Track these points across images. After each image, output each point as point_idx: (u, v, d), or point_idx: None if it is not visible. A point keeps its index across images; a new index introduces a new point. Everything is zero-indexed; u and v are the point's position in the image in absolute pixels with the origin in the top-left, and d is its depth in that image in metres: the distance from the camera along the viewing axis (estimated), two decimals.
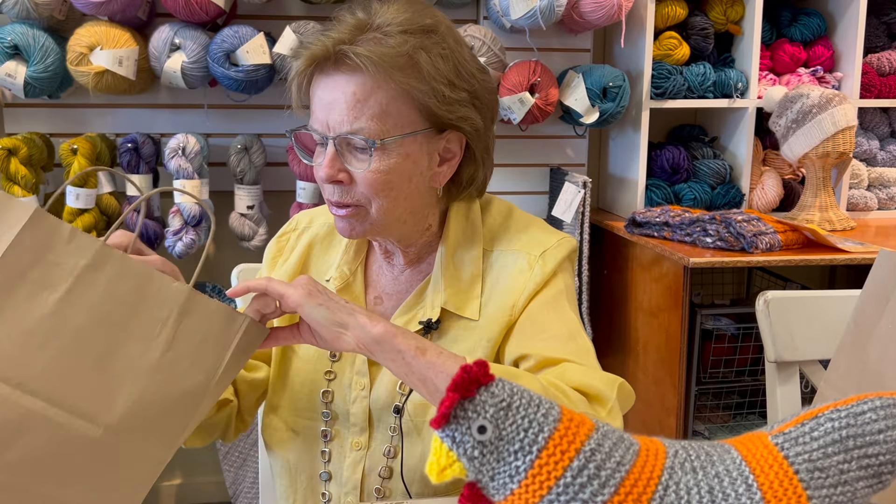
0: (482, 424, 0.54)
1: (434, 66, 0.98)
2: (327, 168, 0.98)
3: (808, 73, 2.42)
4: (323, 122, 0.99)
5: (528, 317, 1.03)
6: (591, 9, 2.10)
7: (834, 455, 0.56)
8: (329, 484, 1.09)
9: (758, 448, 0.57)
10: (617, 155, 2.48)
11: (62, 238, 0.77)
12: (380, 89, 0.96)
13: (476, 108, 1.04)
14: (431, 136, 1.01)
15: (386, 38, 0.96)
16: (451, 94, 0.99)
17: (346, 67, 0.96)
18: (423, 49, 0.97)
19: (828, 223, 2.24)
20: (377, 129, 0.96)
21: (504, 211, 1.13)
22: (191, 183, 2.08)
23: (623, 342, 2.28)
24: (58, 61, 1.99)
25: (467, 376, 0.55)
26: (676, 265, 1.98)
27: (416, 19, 0.99)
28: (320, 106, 0.99)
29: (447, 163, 1.04)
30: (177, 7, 1.97)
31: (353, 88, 0.96)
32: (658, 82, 2.26)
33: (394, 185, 0.99)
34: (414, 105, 0.98)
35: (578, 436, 0.55)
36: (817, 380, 1.24)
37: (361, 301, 1.11)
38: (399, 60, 0.95)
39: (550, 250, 1.06)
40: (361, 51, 0.95)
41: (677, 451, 0.58)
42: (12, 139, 1.99)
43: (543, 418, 0.55)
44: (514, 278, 1.05)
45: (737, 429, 2.25)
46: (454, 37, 1.03)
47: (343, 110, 0.96)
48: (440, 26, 1.01)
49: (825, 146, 2.18)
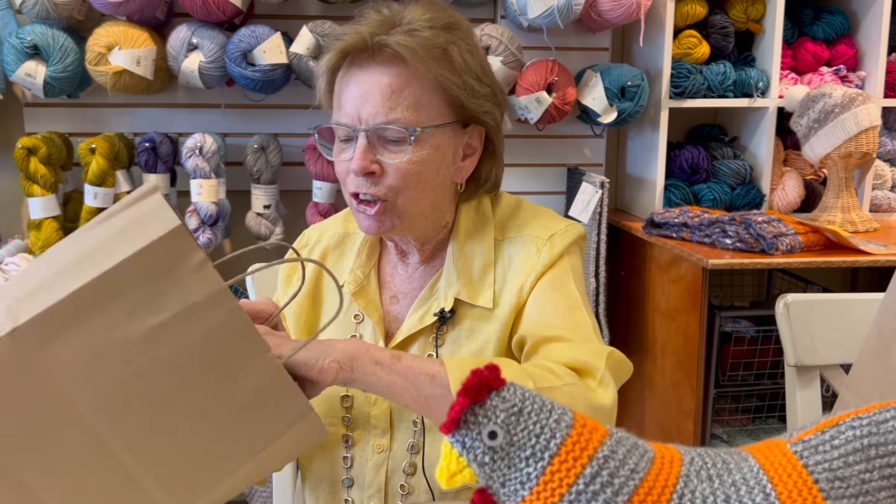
0: (493, 430, 0.53)
1: (464, 60, 1.00)
2: (360, 160, 0.98)
3: (831, 72, 2.39)
4: (353, 115, 0.99)
5: (533, 298, 1.04)
6: (610, 7, 2.09)
7: (855, 464, 0.54)
8: (351, 490, 1.09)
9: (776, 456, 0.56)
10: (635, 155, 2.46)
11: (190, 264, 0.72)
12: (415, 80, 0.98)
13: (496, 105, 1.07)
14: (458, 130, 1.04)
15: (418, 32, 0.98)
16: (478, 88, 1.02)
17: (381, 59, 0.98)
18: (454, 43, 1.00)
19: (850, 224, 2.21)
20: (412, 120, 0.98)
21: (513, 202, 1.15)
22: (208, 182, 2.08)
23: (640, 344, 2.26)
24: (77, 61, 2.00)
25: (478, 380, 0.54)
26: (695, 266, 1.96)
27: (440, 17, 1.01)
28: (350, 99, 1.00)
29: (469, 158, 1.07)
30: (194, 7, 1.97)
31: (388, 80, 0.98)
32: (677, 81, 2.24)
33: (423, 177, 1.01)
34: (445, 97, 1.00)
35: (591, 442, 0.54)
36: (838, 385, 1.22)
37: (377, 302, 1.11)
38: (434, 51, 0.98)
39: (558, 235, 1.07)
40: (400, 39, 0.97)
41: (693, 458, 0.56)
42: (32, 138, 2.01)
43: (556, 424, 0.54)
44: (523, 262, 1.06)
45: (756, 433, 2.23)
46: (474, 36, 1.06)
47: (378, 101, 0.98)
48: (462, 24, 1.04)
49: (848, 146, 2.15)
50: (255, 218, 2.19)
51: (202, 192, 2.08)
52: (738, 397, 2.33)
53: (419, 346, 1.07)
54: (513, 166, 2.33)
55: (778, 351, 2.08)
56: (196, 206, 2.10)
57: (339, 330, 1.12)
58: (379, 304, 1.11)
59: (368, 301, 1.11)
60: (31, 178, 2.01)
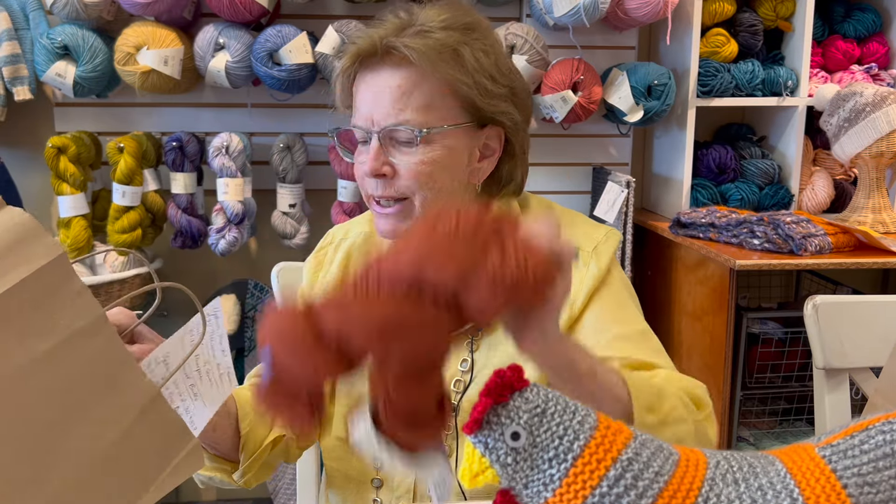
0: (515, 430, 0.53)
1: (476, 60, 1.00)
2: (372, 161, 0.99)
3: (862, 70, 2.35)
4: (367, 117, 1.00)
5: (596, 316, 1.02)
6: (637, 5, 2.07)
7: (885, 469, 0.53)
8: (381, 490, 1.08)
9: (804, 460, 0.55)
10: (662, 154, 2.44)
11: (72, 291, 0.71)
12: (424, 81, 0.98)
13: (515, 105, 1.05)
14: (472, 131, 1.03)
15: (430, 33, 0.98)
16: (492, 88, 1.01)
17: (391, 61, 0.98)
18: (466, 44, 0.99)
19: (881, 225, 2.17)
20: (422, 120, 0.98)
21: (544, 205, 1.13)
22: (234, 181, 2.10)
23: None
24: (106, 61, 2.02)
25: (501, 381, 0.53)
26: (722, 267, 1.94)
27: (457, 18, 1.01)
28: (364, 102, 1.01)
29: (487, 159, 1.05)
30: (221, 7, 1.99)
31: (397, 81, 0.98)
32: (705, 80, 2.22)
33: (436, 178, 1.00)
34: (457, 98, 1.00)
35: (615, 444, 0.54)
36: (868, 388, 1.20)
37: None
38: (444, 53, 0.97)
39: (601, 245, 1.06)
40: (408, 41, 0.97)
41: (719, 461, 0.55)
42: (62, 137, 2.03)
43: (579, 426, 0.54)
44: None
45: (783, 435, 2.20)
46: (495, 37, 1.05)
47: (388, 103, 0.98)
48: (480, 24, 1.04)
49: (879, 146, 2.12)
50: (281, 217, 2.20)
51: (228, 191, 2.10)
52: (765, 400, 2.31)
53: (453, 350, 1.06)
54: (538, 165, 2.32)
55: (806, 353, 2.05)
56: (222, 205, 2.12)
57: None
58: None
59: None
60: (60, 177, 2.03)
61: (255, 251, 2.44)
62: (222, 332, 0.95)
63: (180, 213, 2.13)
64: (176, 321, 2.53)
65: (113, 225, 2.06)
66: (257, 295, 2.28)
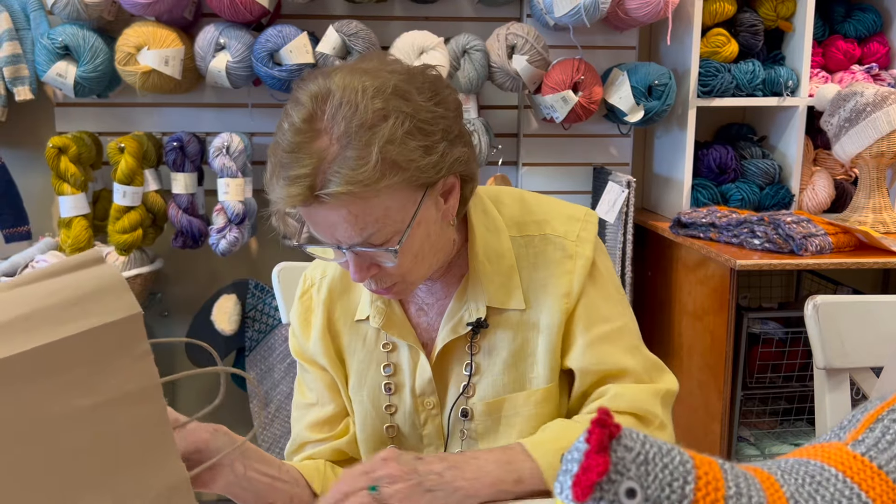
0: (630, 487, 0.45)
1: (407, 149, 0.91)
2: (358, 273, 0.96)
3: (863, 70, 2.35)
4: (330, 237, 0.96)
5: (585, 311, 1.05)
6: (637, 6, 2.07)
7: None
8: None
9: (849, 461, 0.55)
10: (662, 154, 2.43)
11: (134, 353, 0.68)
12: (370, 200, 0.91)
13: (453, 143, 0.98)
14: (430, 194, 0.97)
15: (347, 153, 0.89)
16: (431, 157, 0.93)
17: (328, 203, 0.91)
18: (389, 142, 0.89)
19: (881, 225, 2.17)
20: (387, 229, 0.93)
21: (516, 197, 1.12)
22: (234, 181, 2.10)
23: (667, 345, 2.24)
24: (106, 61, 2.02)
25: (606, 430, 0.45)
26: (723, 267, 1.93)
27: (363, 105, 0.89)
28: (321, 231, 0.96)
29: (450, 196, 1.00)
30: (222, 7, 1.99)
31: (345, 210, 0.91)
32: (705, 80, 2.22)
33: (419, 252, 0.98)
34: (407, 188, 0.93)
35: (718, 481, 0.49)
36: (868, 388, 1.20)
37: (406, 322, 1.09)
38: (374, 174, 0.89)
39: (582, 233, 1.07)
40: (334, 190, 0.88)
41: (783, 475, 0.55)
42: (63, 138, 2.03)
43: (682, 466, 0.47)
44: (556, 266, 1.06)
45: (784, 435, 2.20)
46: (402, 91, 0.93)
47: (346, 228, 0.92)
48: (385, 89, 0.92)
49: (880, 146, 2.12)
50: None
51: (229, 191, 2.10)
52: (765, 400, 2.31)
53: (455, 356, 1.07)
54: (538, 165, 2.33)
55: (807, 353, 2.05)
56: (223, 205, 2.12)
57: (371, 366, 1.10)
58: (408, 324, 1.09)
59: (397, 325, 1.08)
60: (61, 177, 2.04)
61: (255, 251, 2.44)
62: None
63: (181, 214, 2.13)
64: (176, 321, 2.55)
65: (114, 225, 2.06)
66: (258, 295, 2.28)
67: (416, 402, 1.08)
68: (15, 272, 2.02)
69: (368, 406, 1.10)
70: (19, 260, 2.05)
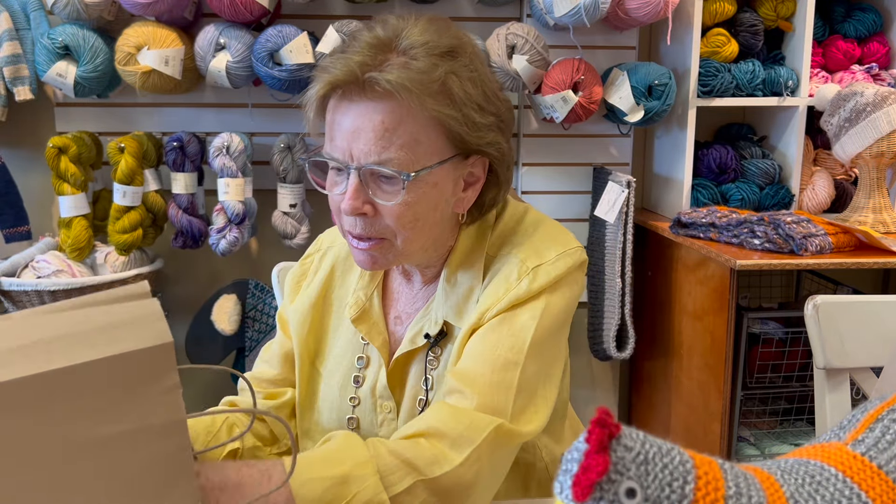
0: (630, 487, 0.45)
1: (465, 92, 0.93)
2: (351, 200, 0.93)
3: (863, 70, 2.35)
4: (345, 150, 0.93)
5: (480, 332, 0.97)
6: (637, 5, 2.07)
7: None
8: None
9: (849, 461, 0.55)
10: (662, 154, 2.44)
11: (163, 385, 0.66)
12: (410, 117, 0.90)
13: (501, 132, 0.99)
14: (458, 163, 0.97)
15: (414, 62, 0.90)
16: (480, 120, 0.95)
17: (373, 94, 0.90)
18: (454, 73, 0.92)
19: (881, 225, 2.17)
20: (407, 160, 0.91)
21: (519, 212, 1.08)
22: (234, 181, 2.10)
23: (667, 345, 2.24)
24: (106, 61, 2.02)
25: (605, 430, 0.45)
26: (723, 267, 1.93)
27: (442, 42, 0.93)
28: (342, 134, 0.93)
29: (471, 187, 1.00)
30: (222, 7, 1.99)
31: (381, 117, 0.90)
32: (705, 80, 2.22)
33: (420, 216, 0.95)
34: (443, 132, 0.93)
35: (717, 480, 0.49)
36: (868, 388, 1.20)
37: (381, 325, 1.08)
38: (432, 86, 0.90)
39: (545, 266, 0.99)
40: (392, 77, 0.88)
41: (782, 475, 0.55)
42: (63, 138, 2.03)
43: (682, 466, 0.47)
44: (498, 284, 0.99)
45: (784, 435, 2.20)
46: (479, 57, 0.98)
47: (370, 140, 0.90)
48: (466, 47, 0.96)
49: (880, 146, 2.12)
50: (281, 216, 2.20)
51: (229, 191, 2.10)
52: (765, 400, 2.31)
53: (416, 367, 1.06)
54: (538, 165, 2.32)
55: (807, 353, 2.05)
56: (223, 205, 2.12)
57: (347, 352, 1.10)
58: (383, 327, 1.08)
59: (371, 325, 1.07)
60: (61, 177, 2.04)
61: (255, 251, 2.44)
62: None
63: (181, 213, 2.13)
64: (176, 321, 2.55)
65: (114, 225, 2.06)
66: (258, 295, 2.28)
67: (375, 402, 1.07)
68: (15, 272, 2.02)
69: (336, 392, 1.10)
70: (19, 260, 2.05)
